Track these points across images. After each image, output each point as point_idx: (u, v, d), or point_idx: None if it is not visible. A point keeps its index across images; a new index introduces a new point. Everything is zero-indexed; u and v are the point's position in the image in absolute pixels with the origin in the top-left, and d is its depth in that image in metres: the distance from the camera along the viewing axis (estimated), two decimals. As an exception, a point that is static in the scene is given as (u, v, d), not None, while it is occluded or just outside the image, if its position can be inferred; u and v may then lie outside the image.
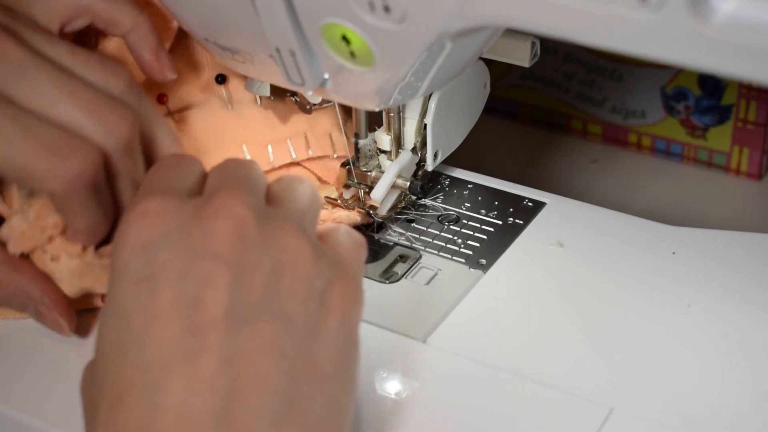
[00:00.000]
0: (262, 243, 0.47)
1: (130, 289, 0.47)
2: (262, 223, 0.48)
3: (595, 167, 0.87)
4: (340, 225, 0.53)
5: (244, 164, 0.52)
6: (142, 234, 0.47)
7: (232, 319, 0.46)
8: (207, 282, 0.46)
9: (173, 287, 0.46)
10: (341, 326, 0.49)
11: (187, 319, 0.45)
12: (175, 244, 0.47)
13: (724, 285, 0.62)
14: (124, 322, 0.46)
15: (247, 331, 0.46)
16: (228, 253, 0.47)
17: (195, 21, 0.60)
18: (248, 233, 0.47)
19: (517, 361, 0.58)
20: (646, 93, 0.85)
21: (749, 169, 0.84)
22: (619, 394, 0.56)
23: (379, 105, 0.60)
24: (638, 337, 0.60)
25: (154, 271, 0.47)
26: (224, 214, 0.47)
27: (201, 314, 0.46)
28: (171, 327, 0.45)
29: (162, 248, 0.47)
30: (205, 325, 0.45)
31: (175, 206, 0.48)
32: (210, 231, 0.47)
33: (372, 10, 0.52)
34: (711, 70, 0.46)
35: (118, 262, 0.48)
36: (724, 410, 0.55)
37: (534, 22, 0.49)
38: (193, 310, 0.46)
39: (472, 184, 0.71)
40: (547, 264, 0.65)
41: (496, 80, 0.86)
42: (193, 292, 0.46)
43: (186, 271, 0.46)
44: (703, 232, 0.67)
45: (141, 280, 0.47)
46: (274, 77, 0.61)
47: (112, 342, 0.47)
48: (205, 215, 0.47)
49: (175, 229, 0.47)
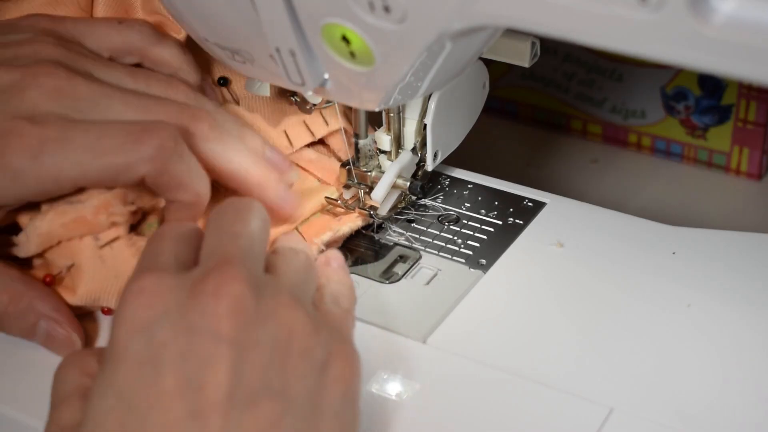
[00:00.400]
0: (260, 319, 0.47)
1: (131, 371, 0.46)
2: (259, 299, 0.47)
3: (595, 167, 0.87)
4: (325, 291, 0.53)
5: (241, 222, 0.51)
6: (139, 313, 0.47)
7: (233, 400, 0.45)
8: (208, 363, 0.46)
9: (175, 370, 0.46)
10: (344, 398, 0.48)
11: (190, 403, 0.45)
12: (174, 325, 0.47)
13: (724, 285, 0.62)
14: (126, 404, 0.46)
15: (250, 412, 0.46)
16: (228, 332, 0.46)
17: (195, 21, 0.60)
18: (246, 310, 0.47)
19: (517, 361, 0.58)
20: (646, 93, 0.85)
21: (749, 169, 0.84)
22: (619, 394, 0.56)
23: (379, 105, 0.60)
24: (638, 337, 0.60)
25: (154, 352, 0.46)
26: (222, 293, 0.47)
27: (203, 397, 0.45)
28: (174, 411, 0.45)
29: (161, 328, 0.47)
30: (207, 409, 0.45)
31: (171, 283, 0.48)
32: (208, 310, 0.47)
33: (372, 10, 0.52)
34: (711, 70, 0.46)
35: (117, 341, 0.47)
36: (724, 410, 0.55)
37: (534, 22, 0.49)
38: (195, 392, 0.45)
39: (472, 184, 0.71)
40: (547, 264, 0.65)
41: (496, 80, 0.86)
42: (194, 374, 0.46)
43: (187, 351, 0.46)
44: (703, 232, 0.67)
45: (142, 363, 0.46)
46: (274, 77, 0.61)
47: (111, 422, 0.46)
48: (203, 294, 0.47)
49: (174, 308, 0.47)
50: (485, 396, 0.57)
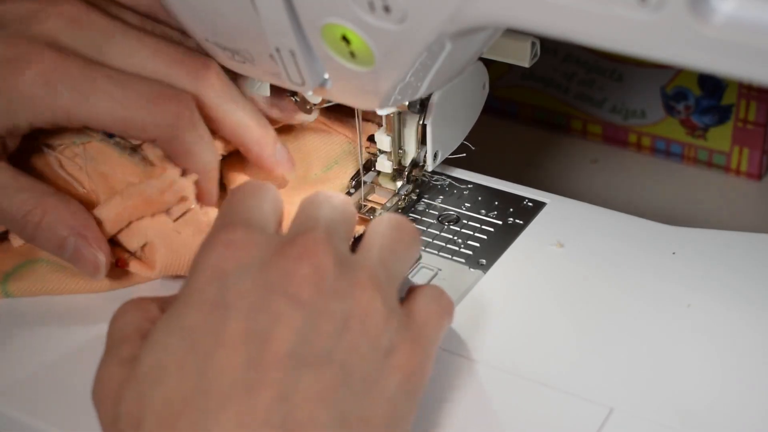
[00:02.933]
0: (337, 292, 0.48)
1: (201, 312, 0.47)
2: (340, 273, 0.48)
3: (595, 167, 0.87)
4: (430, 287, 0.54)
5: (336, 203, 0.52)
6: (223, 262, 0.48)
7: (294, 359, 0.46)
8: (277, 320, 0.47)
9: (244, 318, 0.47)
10: (400, 386, 0.49)
11: (253, 352, 0.46)
12: (253, 278, 0.48)
13: (724, 285, 0.62)
14: (189, 343, 0.47)
15: (307, 374, 0.46)
16: (303, 296, 0.47)
17: (195, 21, 0.60)
18: (325, 281, 0.48)
19: (517, 361, 0.58)
20: (646, 93, 0.85)
21: (749, 169, 0.84)
22: (619, 394, 0.56)
23: (378, 105, 0.60)
24: (638, 337, 0.60)
25: (228, 299, 0.47)
26: (306, 259, 0.48)
27: (266, 349, 0.46)
28: (236, 357, 0.46)
29: (240, 279, 0.48)
30: (268, 361, 0.46)
31: (260, 240, 0.49)
32: (289, 272, 0.48)
33: (372, 10, 0.52)
34: (711, 70, 0.46)
35: (194, 283, 0.48)
36: (724, 410, 0.55)
37: (534, 22, 0.49)
38: (259, 343, 0.46)
39: (472, 184, 0.71)
40: (547, 264, 0.65)
41: (496, 80, 0.86)
42: (262, 326, 0.46)
43: (259, 305, 0.47)
44: (703, 232, 0.67)
45: (214, 306, 0.47)
46: (274, 77, 0.61)
47: (172, 359, 0.47)
48: (288, 255, 0.48)
49: (257, 263, 0.48)
50: (485, 396, 0.57)
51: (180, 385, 0.46)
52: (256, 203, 0.52)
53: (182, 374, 0.46)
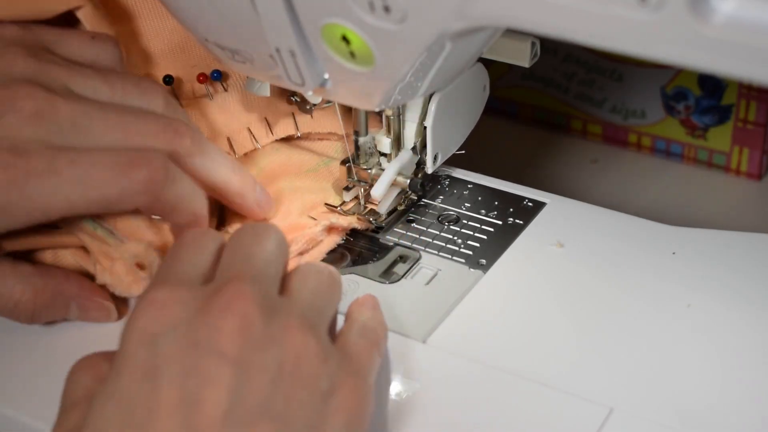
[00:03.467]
0: (266, 342, 0.47)
1: (133, 379, 0.46)
2: (268, 320, 0.48)
3: (595, 167, 0.87)
4: (354, 322, 0.53)
5: (261, 241, 0.51)
6: (149, 324, 0.47)
7: (229, 421, 0.45)
8: (208, 381, 0.46)
9: (175, 384, 0.46)
10: (346, 427, 0.48)
11: (185, 419, 0.45)
12: (180, 339, 0.47)
13: (724, 285, 0.62)
14: (126, 414, 0.46)
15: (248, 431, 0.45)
16: (232, 352, 0.46)
17: (195, 21, 0.60)
18: (253, 331, 0.47)
19: (517, 361, 0.58)
20: (646, 93, 0.85)
21: (749, 169, 0.84)
22: (619, 394, 0.56)
23: (379, 105, 0.60)
24: (638, 337, 0.60)
25: (158, 364, 0.46)
26: (230, 311, 0.47)
27: (199, 415, 0.45)
28: (170, 425, 0.45)
29: (168, 341, 0.47)
30: (202, 427, 0.45)
31: (184, 298, 0.48)
32: (215, 328, 0.47)
33: (372, 10, 0.52)
34: (711, 70, 0.46)
35: (125, 348, 0.47)
36: (724, 410, 0.55)
37: (534, 22, 0.49)
38: (192, 409, 0.45)
39: (472, 184, 0.71)
40: (547, 264, 0.65)
41: (496, 80, 0.86)
42: (194, 390, 0.46)
43: (190, 368, 0.46)
44: (703, 232, 0.67)
45: (145, 373, 0.46)
46: (274, 77, 0.61)
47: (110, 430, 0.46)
48: (212, 310, 0.47)
49: (183, 322, 0.47)
50: (485, 396, 0.57)
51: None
52: (190, 254, 0.51)
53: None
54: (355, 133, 0.68)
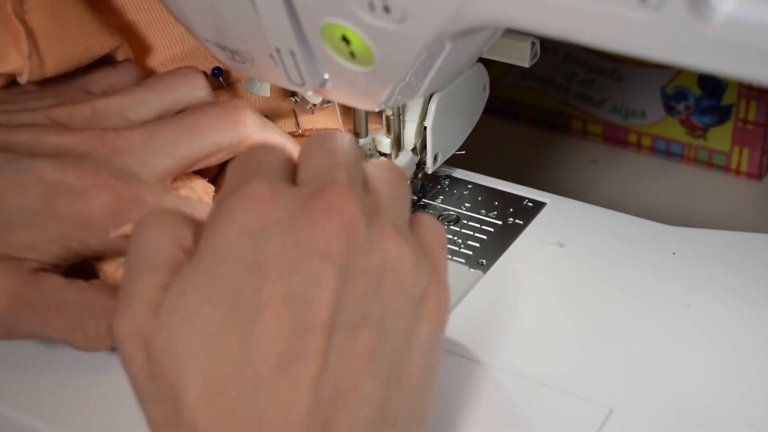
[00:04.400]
0: (368, 247, 0.47)
1: (236, 272, 0.46)
2: (368, 225, 0.47)
3: (595, 167, 0.87)
4: (423, 216, 0.52)
5: (342, 145, 0.50)
6: (250, 218, 0.46)
7: (336, 324, 0.45)
8: (315, 282, 0.45)
9: (282, 281, 0.45)
10: (432, 335, 0.48)
11: (296, 318, 0.45)
12: (284, 236, 0.46)
13: (724, 285, 0.62)
14: (229, 307, 0.45)
15: (349, 337, 0.46)
16: (337, 255, 0.46)
17: (195, 21, 0.60)
18: (357, 236, 0.46)
19: (517, 361, 0.58)
20: (646, 93, 0.85)
21: (749, 169, 0.84)
22: (619, 394, 0.56)
23: (378, 105, 0.60)
24: (638, 337, 0.60)
25: (262, 260, 0.46)
26: (335, 214, 0.46)
27: (309, 315, 0.45)
28: (280, 323, 0.45)
29: (270, 238, 0.46)
30: (313, 327, 0.45)
31: (284, 194, 0.47)
32: (320, 229, 0.46)
33: (372, 10, 0.52)
34: (711, 70, 0.46)
35: (221, 239, 0.46)
36: (724, 410, 0.55)
37: (534, 22, 0.49)
38: (301, 308, 0.45)
39: (472, 184, 0.71)
40: (547, 264, 0.65)
41: (496, 80, 0.86)
42: (301, 290, 0.45)
43: (295, 266, 0.45)
44: (703, 232, 0.67)
45: (249, 266, 0.45)
46: (274, 77, 0.61)
47: (211, 322, 0.45)
48: (316, 211, 0.46)
49: (285, 219, 0.46)
50: (485, 396, 0.57)
51: (223, 353, 0.45)
52: (271, 157, 0.50)
53: (224, 341, 0.45)
54: (355, 134, 0.68)
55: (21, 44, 0.62)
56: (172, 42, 0.71)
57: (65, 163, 0.58)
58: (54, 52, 0.63)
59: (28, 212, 0.56)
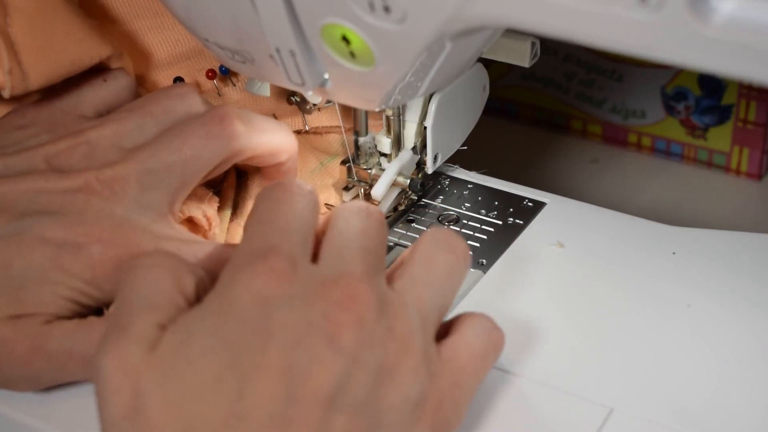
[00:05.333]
0: (373, 341, 0.48)
1: (243, 330, 0.47)
2: (378, 319, 0.48)
3: (595, 167, 0.87)
4: (479, 318, 0.53)
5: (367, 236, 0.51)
6: (267, 289, 0.47)
7: (331, 403, 0.46)
8: (317, 361, 0.46)
9: (285, 351, 0.46)
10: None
11: (291, 387, 0.46)
12: (296, 312, 0.47)
13: (724, 285, 0.62)
14: (229, 358, 0.46)
15: (342, 420, 0.46)
16: (344, 342, 0.47)
17: (195, 21, 0.60)
18: (365, 329, 0.47)
19: (517, 361, 0.58)
20: (646, 93, 0.85)
21: (749, 169, 0.84)
22: (619, 394, 0.56)
23: (379, 105, 0.60)
24: (638, 337, 0.60)
25: (270, 327, 0.47)
26: (348, 305, 0.47)
27: (305, 387, 0.46)
28: (274, 387, 0.46)
29: (282, 309, 0.47)
30: (306, 399, 0.46)
31: (303, 273, 0.48)
32: (332, 315, 0.47)
33: (372, 10, 0.52)
34: (711, 70, 0.46)
35: (237, 302, 0.47)
36: (724, 410, 0.55)
37: (534, 22, 0.49)
38: (298, 379, 0.46)
39: (472, 184, 0.71)
40: (547, 264, 0.65)
41: (496, 80, 0.86)
42: (302, 364, 0.46)
43: (301, 342, 0.46)
44: (703, 232, 0.67)
45: (256, 330, 0.47)
46: (274, 77, 0.61)
47: (209, 368, 0.46)
48: (330, 298, 0.48)
49: (299, 296, 0.48)
50: (485, 396, 0.57)
51: (216, 402, 0.46)
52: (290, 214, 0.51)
53: (219, 391, 0.46)
54: (355, 133, 0.68)
55: (2, 59, 0.61)
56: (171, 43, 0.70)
57: (67, 222, 0.57)
58: (38, 65, 0.62)
59: (38, 271, 0.56)
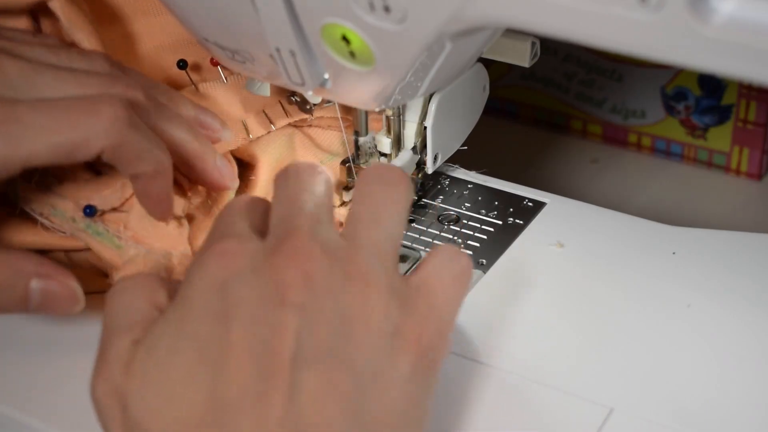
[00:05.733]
0: (329, 290, 0.48)
1: (204, 321, 0.48)
2: (329, 269, 0.48)
3: (595, 167, 0.87)
4: (443, 249, 0.52)
5: (307, 190, 0.51)
6: (219, 271, 0.48)
7: (298, 362, 0.46)
8: (275, 328, 0.47)
9: (246, 329, 0.47)
10: (413, 367, 0.48)
11: (259, 362, 0.46)
12: (248, 288, 0.48)
13: (724, 285, 0.62)
14: (197, 353, 0.47)
15: (312, 373, 0.46)
16: (296, 301, 0.47)
17: (195, 21, 0.60)
18: (316, 281, 0.48)
19: (517, 361, 0.58)
20: (646, 93, 0.85)
21: (749, 169, 0.84)
22: (619, 394, 0.56)
23: (379, 105, 0.60)
24: (638, 337, 0.60)
25: (228, 308, 0.47)
26: (293, 264, 0.48)
27: (270, 358, 0.46)
28: (244, 367, 0.46)
29: (236, 288, 0.48)
30: (275, 367, 0.46)
31: (251, 248, 0.49)
32: (280, 279, 0.48)
33: (372, 10, 0.52)
34: (711, 70, 0.46)
35: (193, 292, 0.48)
36: (724, 410, 0.55)
37: (534, 22, 0.49)
38: (263, 353, 0.46)
39: (472, 184, 0.71)
40: (547, 264, 0.65)
41: (496, 80, 0.86)
42: (263, 336, 0.47)
43: (258, 313, 0.47)
44: (703, 232, 0.67)
45: (216, 316, 0.47)
46: (274, 77, 0.61)
47: (180, 369, 0.47)
48: (275, 262, 0.48)
49: (250, 271, 0.48)
50: (485, 396, 0.57)
51: (192, 393, 0.46)
52: (240, 214, 0.52)
53: (193, 386, 0.47)
54: (355, 132, 0.68)
55: None
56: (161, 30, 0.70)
57: None
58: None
59: None
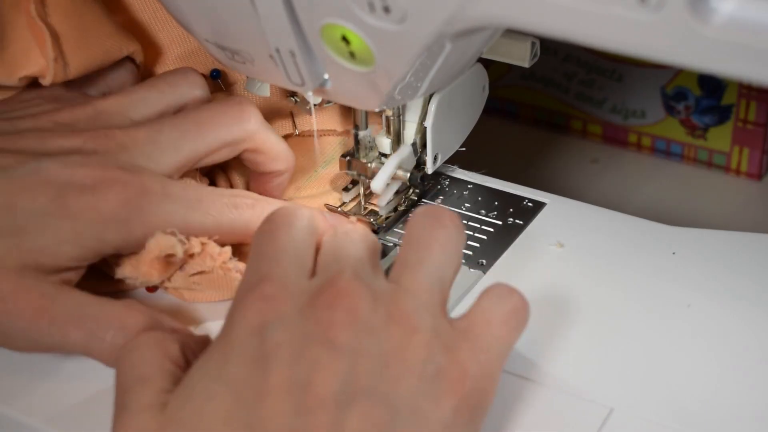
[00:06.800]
0: (371, 331, 0.48)
1: (243, 365, 0.48)
2: (373, 310, 0.49)
3: (595, 167, 0.87)
4: (497, 287, 0.53)
5: (356, 237, 0.53)
6: (260, 317, 0.49)
7: (339, 400, 0.46)
8: (317, 366, 0.47)
9: (285, 368, 0.47)
10: (455, 410, 0.48)
11: (297, 399, 0.46)
12: (289, 330, 0.48)
13: (724, 285, 0.62)
14: (234, 396, 0.47)
15: (354, 412, 0.46)
16: (339, 340, 0.48)
17: (195, 21, 0.61)
18: (359, 321, 0.48)
19: (517, 361, 0.58)
20: (646, 93, 0.85)
21: (749, 169, 0.84)
22: (619, 394, 0.56)
23: (378, 105, 0.60)
24: (638, 337, 0.60)
25: (268, 351, 0.48)
26: (338, 304, 0.48)
27: (310, 395, 0.46)
28: (282, 406, 0.46)
29: (277, 330, 0.48)
30: (313, 406, 0.46)
31: (293, 291, 0.50)
32: (324, 320, 0.48)
33: (372, 10, 0.52)
34: (711, 70, 0.46)
35: (233, 337, 0.49)
36: (724, 410, 0.55)
37: (534, 22, 0.49)
38: (302, 391, 0.46)
39: (472, 184, 0.71)
40: (547, 264, 0.65)
41: (496, 80, 0.86)
42: (303, 374, 0.47)
43: (299, 354, 0.47)
44: (703, 232, 0.67)
45: (255, 360, 0.48)
46: (274, 77, 0.61)
47: (217, 412, 0.47)
48: (320, 304, 0.49)
49: (292, 314, 0.49)
50: (485, 396, 0.57)
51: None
52: (285, 243, 0.52)
53: (229, 427, 0.46)
54: (354, 126, 0.68)
55: (46, 47, 0.62)
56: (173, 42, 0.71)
57: (73, 162, 0.58)
58: (77, 54, 0.64)
59: (40, 214, 0.56)
